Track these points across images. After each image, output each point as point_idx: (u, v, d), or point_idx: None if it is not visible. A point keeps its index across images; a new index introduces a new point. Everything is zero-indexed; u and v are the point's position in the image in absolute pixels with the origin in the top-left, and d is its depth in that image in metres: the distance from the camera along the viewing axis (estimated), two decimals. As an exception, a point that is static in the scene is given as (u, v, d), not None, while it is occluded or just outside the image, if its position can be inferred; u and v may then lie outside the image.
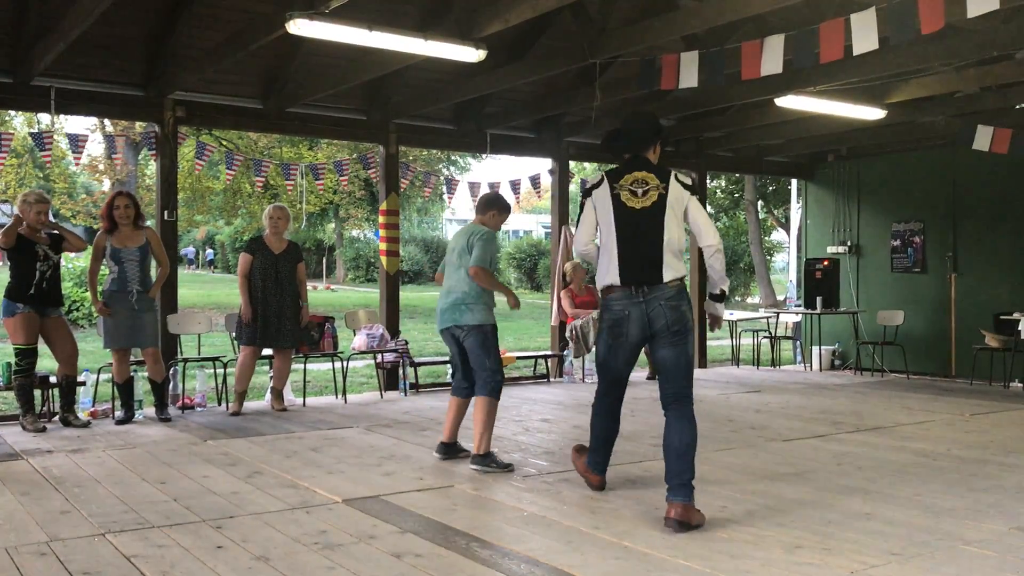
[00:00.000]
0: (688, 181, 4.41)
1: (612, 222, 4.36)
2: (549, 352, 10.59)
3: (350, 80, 7.76)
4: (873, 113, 8.75)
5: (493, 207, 5.62)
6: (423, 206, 37.48)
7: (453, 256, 5.54)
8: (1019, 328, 9.33)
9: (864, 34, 5.64)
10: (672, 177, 4.35)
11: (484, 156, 10.33)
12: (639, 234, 4.31)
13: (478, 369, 5.39)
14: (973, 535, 3.95)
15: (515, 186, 10.44)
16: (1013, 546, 3.79)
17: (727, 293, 4.54)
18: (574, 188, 11.38)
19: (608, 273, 4.38)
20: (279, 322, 7.46)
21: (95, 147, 21.53)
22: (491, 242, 5.47)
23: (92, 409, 7.21)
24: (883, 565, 3.53)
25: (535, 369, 10.40)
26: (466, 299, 5.40)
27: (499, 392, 5.42)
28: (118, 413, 7.04)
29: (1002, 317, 9.73)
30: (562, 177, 10.51)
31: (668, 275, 4.26)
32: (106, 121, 19.13)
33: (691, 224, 4.40)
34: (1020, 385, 9.68)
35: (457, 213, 45.24)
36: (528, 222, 53.98)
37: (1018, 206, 10.19)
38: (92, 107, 8.12)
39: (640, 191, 4.33)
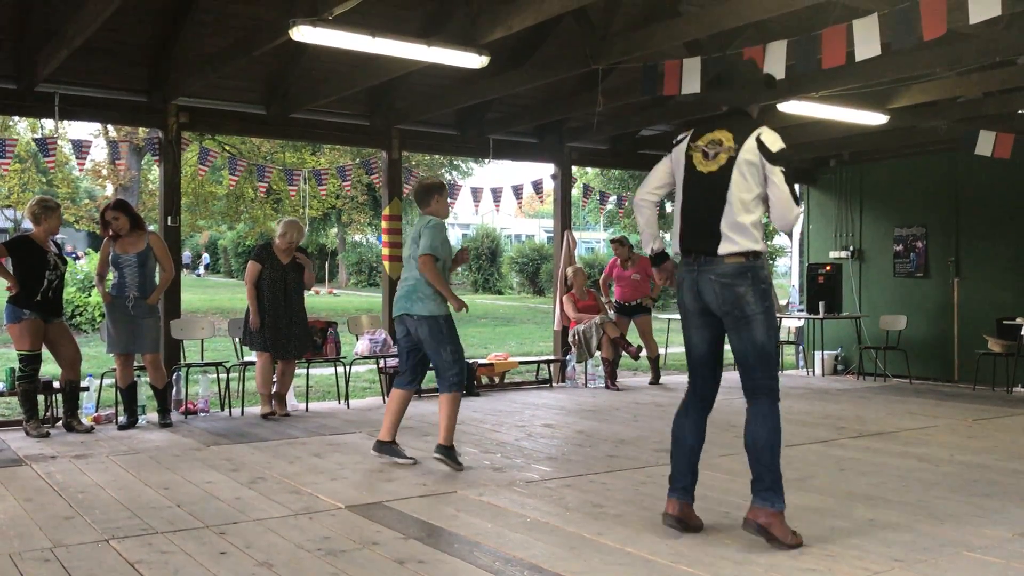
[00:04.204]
0: (774, 146, 3.82)
1: (681, 185, 4.02)
2: (552, 357, 10.59)
3: (353, 86, 7.78)
4: (875, 118, 8.76)
5: (434, 192, 5.68)
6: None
7: (408, 247, 5.67)
8: (1022, 333, 9.31)
9: (866, 40, 5.65)
10: (753, 138, 3.84)
11: (486, 161, 10.33)
12: (701, 201, 3.93)
13: (436, 363, 5.53)
14: (977, 541, 3.95)
15: (518, 191, 10.46)
16: (1017, 552, 3.78)
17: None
18: (576, 193, 11.37)
19: (673, 238, 4.10)
20: (288, 332, 7.51)
21: (98, 152, 21.56)
22: (439, 229, 5.57)
23: (95, 414, 7.22)
24: (887, 571, 3.53)
25: (537, 374, 10.40)
26: (418, 287, 5.50)
27: (461, 385, 5.55)
28: (121, 418, 7.06)
29: (1005, 322, 9.71)
30: (564, 182, 10.52)
31: (725, 248, 3.83)
32: (109, 126, 19.15)
33: (770, 198, 3.85)
34: (1023, 390, 9.66)
35: (459, 218, 45.24)
36: (530, 227, 54.01)
37: (1020, 211, 10.17)
38: (96, 113, 8.14)
39: (712, 152, 3.90)
